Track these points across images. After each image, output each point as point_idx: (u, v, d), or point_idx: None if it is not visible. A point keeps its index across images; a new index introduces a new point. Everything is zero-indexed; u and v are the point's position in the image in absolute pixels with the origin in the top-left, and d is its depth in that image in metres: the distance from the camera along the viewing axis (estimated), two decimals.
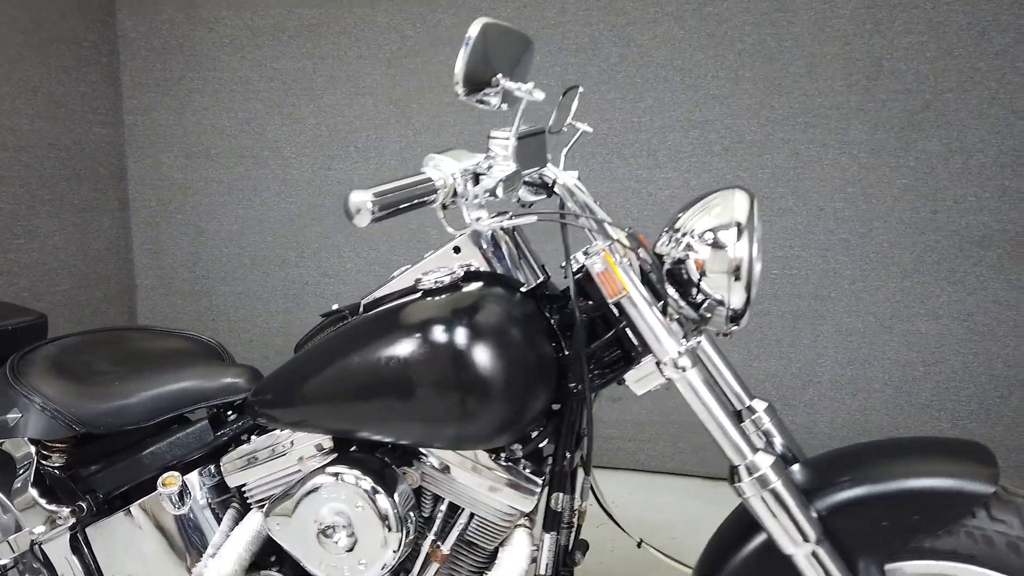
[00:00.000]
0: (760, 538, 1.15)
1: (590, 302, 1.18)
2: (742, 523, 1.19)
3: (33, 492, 1.40)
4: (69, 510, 1.39)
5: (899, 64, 2.62)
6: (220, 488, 1.38)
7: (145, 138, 3.29)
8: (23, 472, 1.42)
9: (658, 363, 1.10)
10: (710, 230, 1.10)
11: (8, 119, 2.74)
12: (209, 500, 1.37)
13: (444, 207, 1.03)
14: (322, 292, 3.21)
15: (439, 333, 1.13)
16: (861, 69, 2.64)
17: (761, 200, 2.80)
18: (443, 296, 1.17)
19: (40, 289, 2.90)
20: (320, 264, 3.20)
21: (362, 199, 0.93)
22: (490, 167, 1.06)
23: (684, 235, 1.12)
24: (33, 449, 1.43)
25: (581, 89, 1.39)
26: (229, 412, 1.40)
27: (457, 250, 1.22)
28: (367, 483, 1.18)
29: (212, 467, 1.38)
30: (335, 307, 1.35)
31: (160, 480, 1.34)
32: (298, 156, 3.15)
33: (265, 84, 3.14)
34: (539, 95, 1.02)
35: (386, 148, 3.06)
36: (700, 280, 1.10)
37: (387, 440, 1.21)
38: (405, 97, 3.01)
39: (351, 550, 1.20)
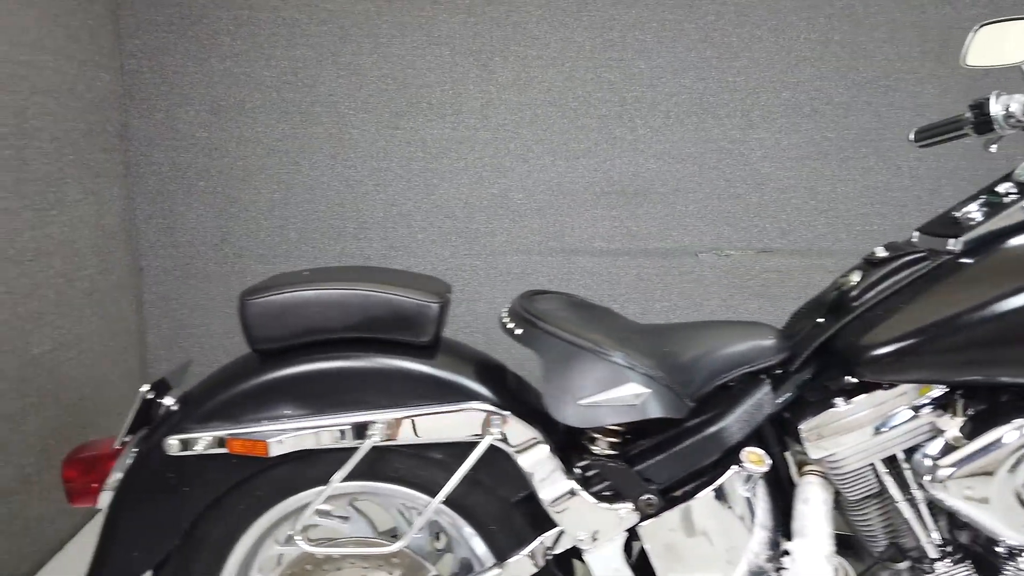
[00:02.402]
0: None
1: None
2: None
3: (573, 485, 1.09)
4: (632, 506, 1.11)
5: (965, 34, 2.85)
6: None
7: (153, 88, 2.69)
8: (545, 468, 1.09)
9: None
10: None
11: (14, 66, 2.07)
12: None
13: None
14: (389, 267, 2.84)
15: None
16: (934, 37, 2.86)
17: (846, 160, 2.95)
18: None
19: (70, 271, 2.27)
20: (386, 235, 2.84)
21: None
22: None
23: None
24: (548, 444, 1.12)
25: None
26: (762, 375, 1.20)
27: None
28: None
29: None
30: (880, 253, 1.23)
31: (745, 457, 1.12)
32: (358, 112, 2.76)
33: (316, 28, 2.70)
34: None
35: (464, 105, 2.77)
36: None
37: None
38: (487, 49, 2.75)
39: None
